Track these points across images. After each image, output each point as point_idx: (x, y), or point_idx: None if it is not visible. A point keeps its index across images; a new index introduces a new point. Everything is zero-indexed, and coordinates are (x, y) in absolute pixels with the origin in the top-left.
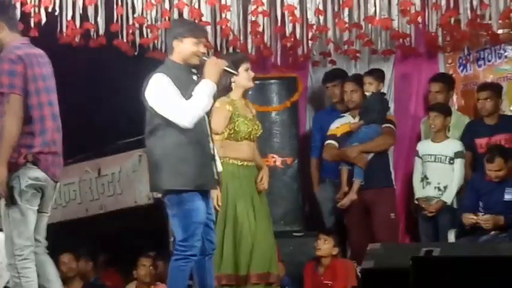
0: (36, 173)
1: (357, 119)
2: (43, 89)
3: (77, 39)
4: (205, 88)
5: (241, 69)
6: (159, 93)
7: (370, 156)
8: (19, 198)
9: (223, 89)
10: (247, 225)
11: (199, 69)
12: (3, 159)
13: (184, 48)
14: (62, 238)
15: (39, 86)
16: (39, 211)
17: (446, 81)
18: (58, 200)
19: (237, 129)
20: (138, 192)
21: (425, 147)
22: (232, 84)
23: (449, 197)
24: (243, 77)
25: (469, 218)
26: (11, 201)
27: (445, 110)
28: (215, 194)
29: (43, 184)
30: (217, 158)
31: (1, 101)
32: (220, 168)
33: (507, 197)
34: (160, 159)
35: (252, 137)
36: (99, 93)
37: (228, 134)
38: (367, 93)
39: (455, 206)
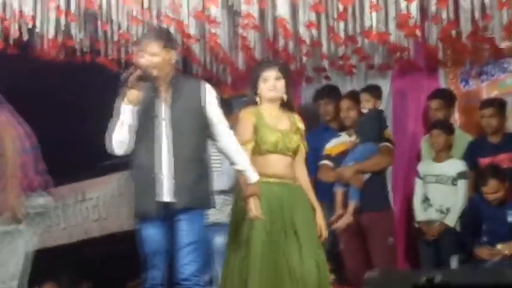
0: None
1: (353, 138)
2: None
3: (61, 56)
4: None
5: (260, 81)
6: None
7: (367, 176)
8: None
9: (252, 102)
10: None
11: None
12: None
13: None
14: (43, 266)
15: None
16: None
17: (447, 97)
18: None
19: (259, 140)
20: (125, 217)
21: (426, 167)
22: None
23: (452, 219)
24: (262, 88)
25: (486, 252)
26: None
27: (447, 128)
28: (251, 204)
29: None
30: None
31: None
32: (253, 177)
33: (510, 219)
34: None
35: (279, 149)
36: (83, 112)
37: (252, 147)
38: (364, 111)
39: (458, 229)
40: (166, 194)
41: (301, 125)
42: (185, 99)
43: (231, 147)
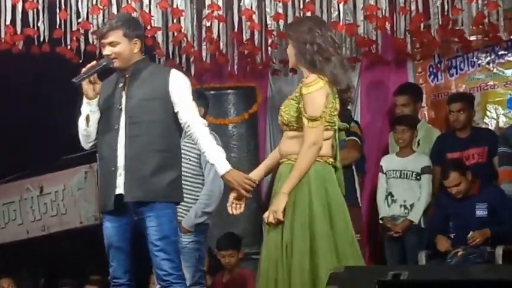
0: None
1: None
2: None
3: (19, 46)
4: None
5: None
6: None
7: None
8: None
9: None
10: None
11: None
12: None
13: None
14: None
15: None
16: None
17: (413, 92)
18: None
19: None
20: (84, 212)
21: (389, 162)
22: None
23: (416, 215)
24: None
25: (443, 243)
26: None
27: (412, 124)
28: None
29: None
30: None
31: None
32: (223, 169)
33: (479, 213)
34: None
35: (280, 125)
36: (41, 105)
37: None
38: (348, 106)
39: (422, 225)
40: (119, 186)
41: (303, 89)
42: (147, 88)
43: (199, 138)
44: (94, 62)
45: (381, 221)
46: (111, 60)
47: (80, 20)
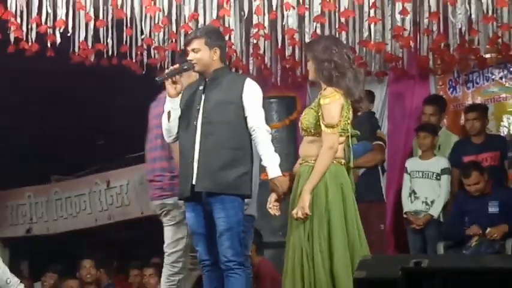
0: None
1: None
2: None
3: (91, 59)
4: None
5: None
6: None
7: (361, 171)
8: None
9: None
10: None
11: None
12: None
13: None
14: (78, 246)
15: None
16: None
17: (440, 103)
18: (69, 210)
19: None
20: (145, 204)
21: (413, 164)
22: None
23: (436, 211)
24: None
25: (474, 230)
26: None
27: (433, 131)
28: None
29: None
30: (269, 161)
31: None
32: (273, 174)
33: (491, 210)
34: None
35: (300, 130)
36: (110, 110)
37: None
38: (359, 113)
39: (441, 219)
40: (194, 178)
41: (322, 100)
42: (223, 92)
43: (259, 143)
44: (177, 65)
45: (404, 215)
46: (193, 65)
47: (143, 37)
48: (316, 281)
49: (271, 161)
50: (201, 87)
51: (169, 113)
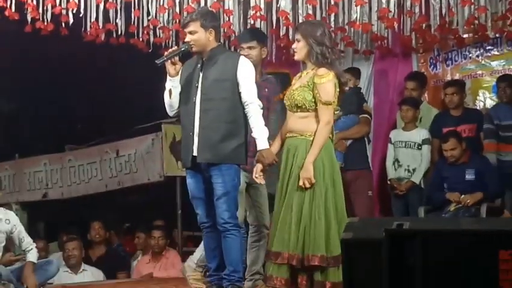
0: None
1: (337, 111)
2: None
3: (101, 38)
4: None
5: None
6: None
7: (349, 142)
8: None
9: None
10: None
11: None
12: None
13: None
14: (88, 209)
15: None
16: None
17: (420, 79)
18: (82, 176)
19: None
20: (151, 171)
21: (397, 135)
22: None
23: (417, 178)
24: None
25: (454, 196)
26: None
27: (415, 104)
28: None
29: None
30: (258, 134)
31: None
32: (261, 146)
33: (468, 177)
34: None
35: (288, 107)
36: (118, 85)
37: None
38: (346, 88)
39: (422, 186)
40: (194, 149)
41: (318, 80)
42: (219, 70)
43: (251, 116)
44: (175, 47)
45: (389, 182)
46: (190, 46)
47: (149, 18)
48: (316, 230)
49: (260, 134)
50: (198, 66)
51: (170, 90)
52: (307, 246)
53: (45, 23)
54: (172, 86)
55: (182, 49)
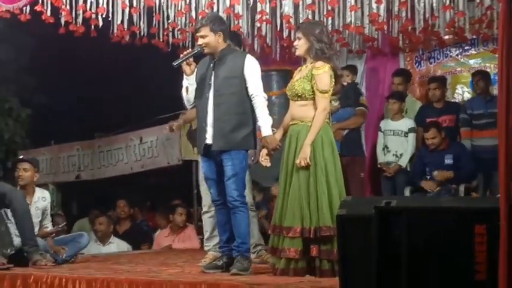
0: None
1: (336, 103)
2: None
3: (126, 39)
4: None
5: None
6: None
7: (346, 132)
8: None
9: None
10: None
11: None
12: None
13: None
14: (114, 189)
15: None
16: None
17: (406, 75)
18: (110, 160)
19: None
20: (170, 156)
21: (386, 124)
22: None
23: (404, 162)
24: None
25: (428, 185)
26: None
27: (400, 97)
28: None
29: None
30: (262, 122)
31: None
32: (265, 133)
33: (447, 161)
34: None
35: (289, 97)
36: (141, 81)
37: None
38: (344, 83)
39: (408, 169)
40: (208, 138)
41: (315, 71)
42: (229, 68)
43: (257, 107)
44: (189, 50)
45: (379, 166)
46: (202, 48)
47: (169, 21)
48: (323, 203)
49: (265, 122)
50: (211, 65)
51: (187, 87)
52: (317, 219)
53: (77, 26)
54: (189, 84)
55: (195, 51)
